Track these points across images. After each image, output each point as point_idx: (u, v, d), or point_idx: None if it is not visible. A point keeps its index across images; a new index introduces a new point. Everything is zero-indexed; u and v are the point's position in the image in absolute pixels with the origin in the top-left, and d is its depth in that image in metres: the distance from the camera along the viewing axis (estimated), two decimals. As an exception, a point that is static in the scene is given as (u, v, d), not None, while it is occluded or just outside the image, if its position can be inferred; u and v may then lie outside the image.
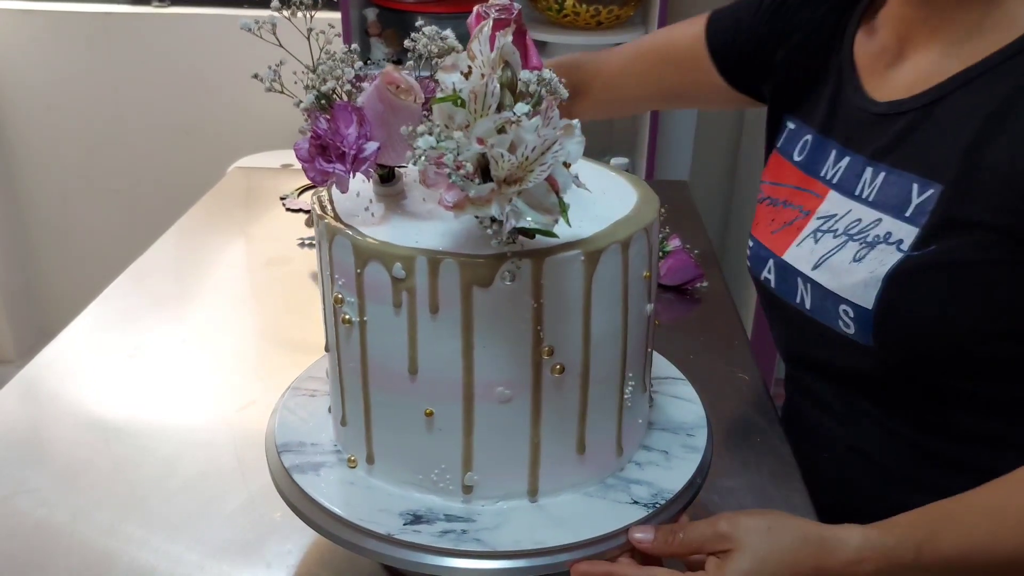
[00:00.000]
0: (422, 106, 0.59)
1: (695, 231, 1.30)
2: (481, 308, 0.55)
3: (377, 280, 0.56)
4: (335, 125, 0.56)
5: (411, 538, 0.57)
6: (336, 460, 0.65)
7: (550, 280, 0.55)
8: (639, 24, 1.93)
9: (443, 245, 0.55)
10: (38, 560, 0.71)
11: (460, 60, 0.54)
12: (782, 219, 0.85)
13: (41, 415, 0.91)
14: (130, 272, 1.17)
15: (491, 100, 0.51)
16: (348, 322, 0.59)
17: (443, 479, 0.60)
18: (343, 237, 0.57)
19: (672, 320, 1.08)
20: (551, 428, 0.60)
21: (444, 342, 0.56)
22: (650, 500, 0.62)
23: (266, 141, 2.22)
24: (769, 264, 0.85)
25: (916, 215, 0.71)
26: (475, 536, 0.58)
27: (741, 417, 0.90)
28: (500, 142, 0.49)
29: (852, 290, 0.73)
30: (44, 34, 2.21)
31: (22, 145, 2.33)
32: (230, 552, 0.71)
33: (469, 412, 0.58)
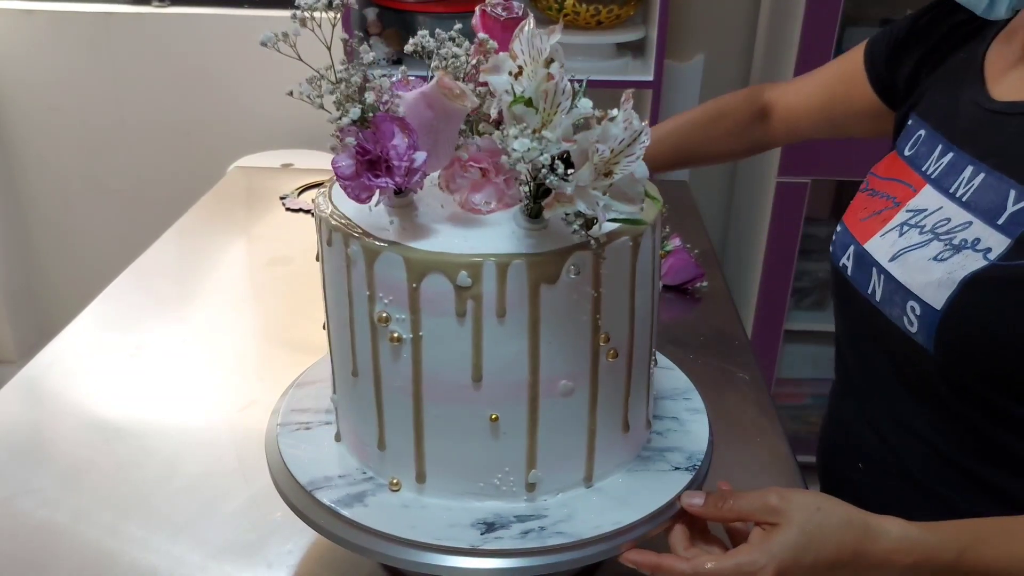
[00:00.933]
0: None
1: (695, 231, 1.30)
2: (547, 305, 0.55)
3: (437, 292, 0.55)
4: (380, 138, 0.54)
5: (495, 545, 0.57)
6: (374, 487, 0.62)
7: (607, 268, 0.57)
8: (639, 24, 1.92)
9: (504, 248, 0.55)
10: (40, 560, 0.71)
11: (503, 62, 0.54)
12: (872, 207, 0.82)
13: (42, 415, 0.91)
14: (130, 272, 1.17)
15: (561, 98, 0.51)
16: (397, 340, 0.57)
17: (506, 482, 0.60)
18: (392, 254, 0.55)
19: (672, 320, 1.08)
20: (604, 413, 0.62)
21: (510, 344, 0.56)
22: (688, 464, 0.65)
23: (266, 141, 2.22)
24: (849, 251, 0.82)
25: (1010, 224, 0.67)
26: (555, 530, 0.59)
27: (741, 417, 0.90)
28: (586, 138, 0.50)
29: (924, 288, 0.70)
30: (44, 34, 2.21)
31: (22, 145, 2.33)
32: (231, 552, 0.71)
33: (534, 411, 0.58)
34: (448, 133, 0.57)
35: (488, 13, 0.63)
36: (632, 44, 1.92)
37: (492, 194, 0.59)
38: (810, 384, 2.16)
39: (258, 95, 2.21)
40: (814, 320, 2.06)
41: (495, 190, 0.59)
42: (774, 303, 1.97)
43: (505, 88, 0.53)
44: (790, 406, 2.15)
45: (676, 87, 2.07)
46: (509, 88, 0.53)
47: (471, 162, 0.58)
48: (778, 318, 1.99)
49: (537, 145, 0.50)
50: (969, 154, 0.74)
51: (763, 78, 2.01)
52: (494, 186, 0.59)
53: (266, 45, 0.55)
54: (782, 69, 1.83)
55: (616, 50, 1.89)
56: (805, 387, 2.16)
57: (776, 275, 1.94)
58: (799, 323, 2.03)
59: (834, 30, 1.71)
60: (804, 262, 1.97)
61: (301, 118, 2.31)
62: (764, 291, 1.96)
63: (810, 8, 1.69)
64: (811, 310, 2.07)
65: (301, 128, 2.21)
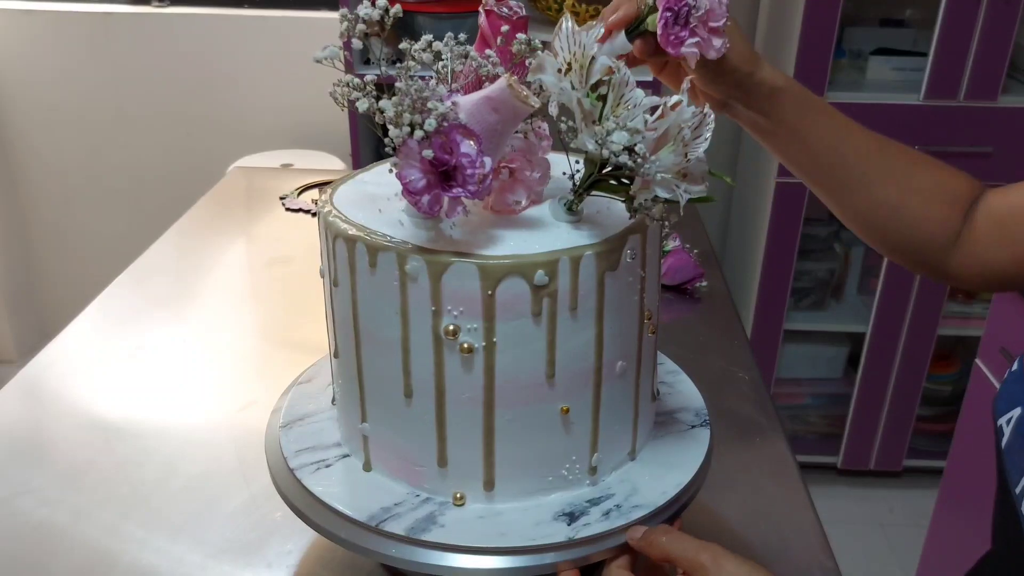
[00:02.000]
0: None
1: (695, 231, 1.30)
2: (610, 291, 0.57)
3: (513, 295, 0.55)
4: (452, 148, 0.53)
5: (587, 532, 0.58)
6: (438, 506, 0.61)
7: (649, 249, 0.60)
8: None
9: (572, 242, 0.56)
10: (40, 560, 0.71)
11: (546, 60, 0.55)
12: None
13: (42, 415, 0.91)
14: (130, 272, 1.17)
15: (624, 90, 0.53)
16: (468, 350, 0.56)
17: (573, 471, 0.61)
18: (464, 264, 0.54)
19: (672, 320, 1.08)
20: (644, 387, 0.64)
21: (580, 335, 0.57)
22: (699, 420, 0.69)
23: (266, 141, 2.23)
24: (1015, 413, 0.59)
25: None
26: (631, 504, 0.60)
27: (741, 417, 0.90)
28: (664, 123, 0.52)
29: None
30: (44, 34, 2.21)
31: (23, 145, 2.33)
32: (231, 552, 0.71)
33: (598, 396, 0.60)
34: (507, 136, 0.58)
35: (495, 13, 0.63)
36: (632, 44, 1.92)
37: (523, 192, 0.60)
38: (809, 384, 2.16)
39: (258, 95, 2.21)
40: (814, 320, 2.06)
41: (526, 188, 0.60)
42: (774, 303, 1.97)
43: (560, 86, 0.54)
44: (790, 406, 2.15)
45: (676, 87, 2.07)
46: (566, 85, 0.54)
47: (504, 163, 0.59)
48: (778, 318, 1.99)
49: (630, 136, 0.51)
50: None
51: (763, 78, 2.01)
52: (524, 184, 0.60)
53: (321, 62, 0.54)
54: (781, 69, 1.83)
55: (616, 50, 1.89)
56: (805, 387, 2.16)
57: (776, 275, 1.94)
58: (799, 323, 2.03)
59: (834, 30, 1.71)
60: (803, 262, 1.97)
61: (301, 118, 2.31)
62: (764, 291, 1.96)
63: (809, 8, 1.70)
64: (810, 310, 2.08)
65: (301, 128, 2.21)
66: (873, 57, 1.85)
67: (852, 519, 2.06)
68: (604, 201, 0.59)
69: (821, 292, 2.07)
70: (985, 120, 1.77)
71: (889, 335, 1.96)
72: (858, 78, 1.87)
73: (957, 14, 1.68)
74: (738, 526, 0.75)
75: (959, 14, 1.68)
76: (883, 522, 2.06)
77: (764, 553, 0.72)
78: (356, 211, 0.60)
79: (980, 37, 1.69)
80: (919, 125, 1.79)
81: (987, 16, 1.67)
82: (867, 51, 1.88)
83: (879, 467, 2.11)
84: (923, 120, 1.78)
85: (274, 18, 2.14)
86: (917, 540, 1.66)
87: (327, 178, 1.48)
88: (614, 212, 0.59)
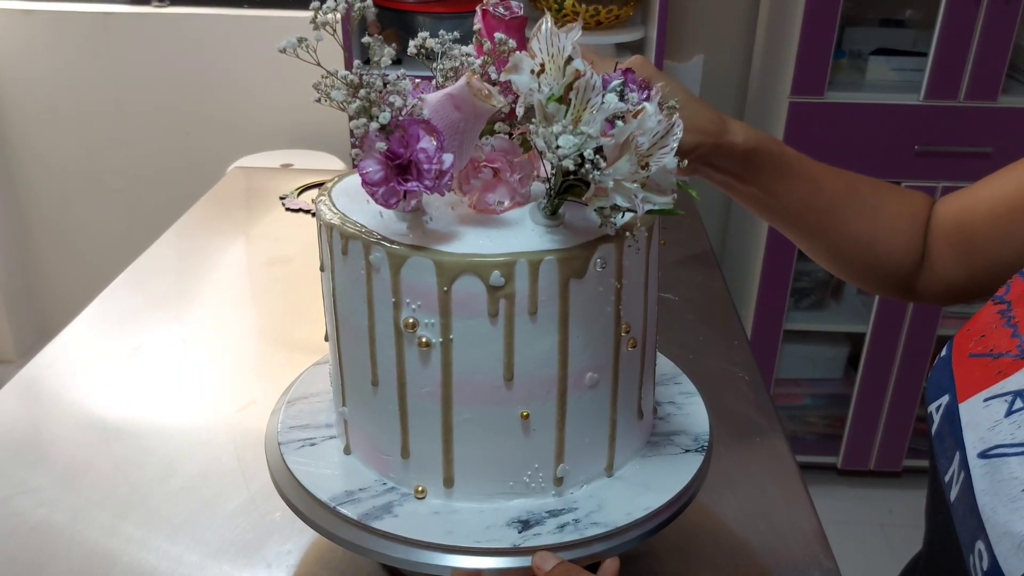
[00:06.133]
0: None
1: (695, 231, 1.30)
2: (576, 299, 0.56)
3: (468, 294, 0.55)
4: (409, 141, 0.53)
5: (536, 542, 0.57)
6: (399, 496, 0.62)
7: (628, 259, 0.58)
8: (638, 24, 1.92)
9: (535, 246, 0.55)
10: (38, 560, 0.71)
11: (522, 60, 0.54)
12: (992, 343, 0.58)
13: (41, 415, 0.91)
14: (130, 272, 1.17)
15: (591, 94, 0.52)
16: (425, 345, 0.56)
17: (535, 478, 0.60)
18: (421, 258, 0.55)
19: (672, 320, 1.08)
20: (623, 402, 0.62)
21: (541, 341, 0.56)
22: (696, 445, 0.66)
23: (266, 141, 2.23)
24: (943, 401, 0.59)
25: None
26: (590, 521, 0.59)
27: (741, 417, 0.90)
28: (623, 131, 0.51)
29: (1001, 537, 0.47)
30: (44, 34, 2.21)
31: (22, 145, 2.33)
32: (230, 552, 0.71)
33: (563, 405, 0.59)
34: (472, 134, 0.57)
35: (491, 12, 0.63)
36: (631, 44, 1.93)
37: (505, 193, 0.59)
38: (809, 384, 2.16)
39: (258, 95, 2.21)
40: (813, 320, 2.06)
41: (508, 189, 0.59)
42: (774, 303, 1.97)
43: (529, 87, 0.53)
44: (790, 406, 2.15)
45: (676, 87, 2.07)
46: (535, 87, 0.53)
47: (485, 163, 0.58)
48: (778, 318, 1.99)
49: (579, 141, 0.50)
50: None
51: (762, 79, 2.01)
52: (507, 185, 0.59)
53: (284, 52, 0.54)
54: (781, 70, 1.83)
55: (615, 50, 1.89)
56: (804, 387, 2.16)
57: (776, 275, 1.94)
58: (798, 323, 2.03)
59: (833, 31, 1.71)
60: (803, 262, 1.97)
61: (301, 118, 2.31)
62: (764, 291, 1.96)
63: (809, 8, 1.70)
64: (810, 310, 2.08)
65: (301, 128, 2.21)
66: (873, 57, 1.85)
67: (852, 519, 2.06)
68: None
69: (821, 292, 2.07)
70: (985, 120, 1.77)
71: (889, 335, 1.96)
72: (858, 78, 1.87)
73: (957, 14, 1.68)
74: (738, 526, 0.75)
75: (959, 14, 1.68)
76: (883, 522, 2.06)
77: (764, 553, 0.72)
78: (346, 201, 0.61)
79: (980, 37, 1.69)
80: (919, 125, 1.79)
81: (987, 16, 1.67)
82: (867, 51, 1.88)
83: (879, 467, 2.11)
84: (923, 120, 1.78)
85: (274, 18, 2.14)
86: (917, 540, 1.66)
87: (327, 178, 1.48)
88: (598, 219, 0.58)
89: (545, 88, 0.53)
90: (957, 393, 0.57)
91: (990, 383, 0.55)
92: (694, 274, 1.20)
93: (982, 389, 0.55)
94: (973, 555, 0.50)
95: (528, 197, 0.60)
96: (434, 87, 0.60)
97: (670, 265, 1.20)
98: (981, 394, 0.55)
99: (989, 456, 0.51)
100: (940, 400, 0.59)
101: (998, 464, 0.50)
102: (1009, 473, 0.48)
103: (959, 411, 0.56)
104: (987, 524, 0.49)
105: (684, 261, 1.23)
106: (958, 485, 0.54)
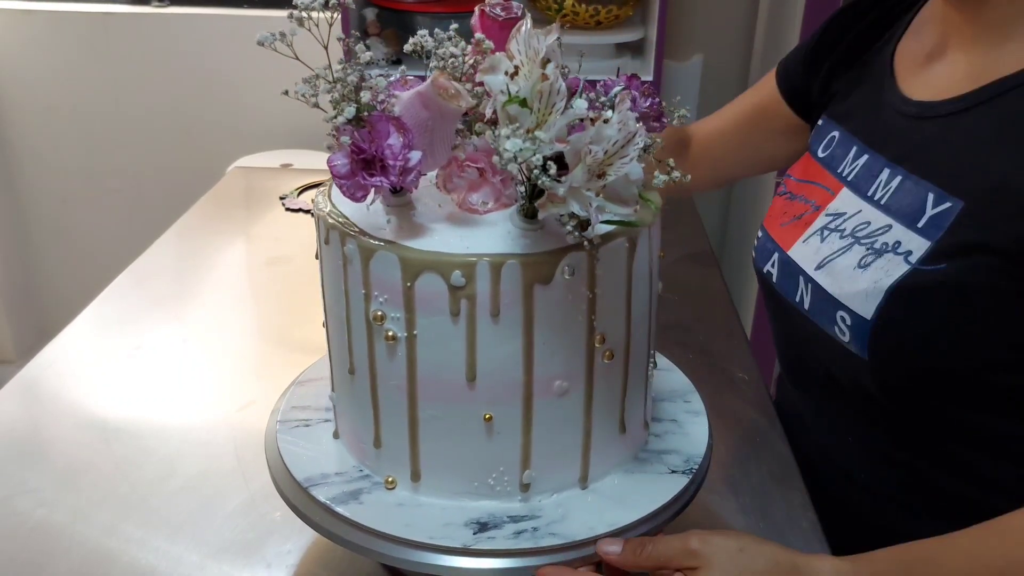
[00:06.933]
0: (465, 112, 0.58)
1: (694, 230, 1.30)
2: (541, 305, 0.55)
3: (431, 291, 0.55)
4: (375, 137, 0.54)
5: (488, 545, 0.57)
6: (370, 484, 0.63)
7: (603, 269, 0.57)
8: (639, 24, 1.92)
9: (499, 248, 0.55)
10: (38, 560, 0.71)
11: (499, 61, 0.54)
12: (792, 212, 0.82)
13: (41, 415, 0.91)
14: (130, 272, 1.17)
15: (556, 99, 0.51)
16: (392, 339, 0.57)
17: (500, 482, 0.60)
18: (387, 252, 0.55)
19: (672, 320, 1.08)
20: (600, 414, 0.61)
21: (504, 344, 0.56)
22: (685, 467, 0.65)
23: (266, 141, 2.22)
24: (774, 258, 0.82)
25: (929, 227, 0.66)
26: (549, 531, 0.58)
27: (741, 417, 0.90)
28: (579, 139, 0.50)
29: (852, 298, 0.70)
30: (44, 34, 2.21)
31: (22, 145, 2.33)
32: (230, 552, 0.71)
33: (528, 410, 0.58)
34: (444, 133, 0.57)
35: (487, 13, 0.63)
36: (631, 44, 1.93)
37: (489, 194, 0.59)
38: (809, 384, 2.16)
39: (258, 95, 2.21)
40: (813, 320, 2.06)
41: (492, 190, 0.59)
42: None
43: (500, 88, 0.53)
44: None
45: (675, 87, 2.08)
46: (504, 88, 0.52)
47: (468, 162, 0.58)
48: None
49: (530, 146, 0.50)
50: (885, 157, 0.74)
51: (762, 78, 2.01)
52: (491, 186, 0.59)
53: (263, 45, 0.55)
54: (781, 69, 1.83)
55: (615, 50, 1.89)
56: (804, 387, 2.16)
57: (775, 275, 1.94)
58: (798, 323, 2.03)
59: (833, 30, 1.71)
60: (803, 262, 1.97)
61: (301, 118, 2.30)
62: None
63: (809, 8, 1.70)
64: (810, 310, 2.08)
65: (301, 128, 2.21)
66: (873, 57, 1.85)
67: (852, 519, 2.06)
68: None
69: (821, 292, 2.07)
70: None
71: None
72: (858, 78, 1.87)
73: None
74: (738, 526, 0.75)
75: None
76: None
77: (764, 553, 0.72)
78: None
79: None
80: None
81: (987, 16, 1.67)
82: (867, 51, 1.88)
83: (879, 467, 2.11)
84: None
85: (274, 18, 2.14)
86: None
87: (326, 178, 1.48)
88: None
89: (515, 90, 0.52)
90: (782, 248, 0.81)
91: (802, 232, 0.79)
92: (693, 273, 1.20)
93: (799, 237, 0.79)
94: (836, 324, 0.71)
95: (514, 199, 0.59)
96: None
97: (669, 264, 1.20)
98: (799, 239, 0.79)
99: (823, 266, 0.75)
100: (771, 259, 0.83)
101: (830, 267, 0.73)
102: (840, 266, 0.72)
103: (789, 255, 0.80)
104: (840, 298, 0.71)
105: (683, 260, 1.23)
106: (809, 294, 0.76)
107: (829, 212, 0.77)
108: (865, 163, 0.76)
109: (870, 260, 0.70)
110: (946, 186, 0.67)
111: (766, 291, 0.86)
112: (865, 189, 0.75)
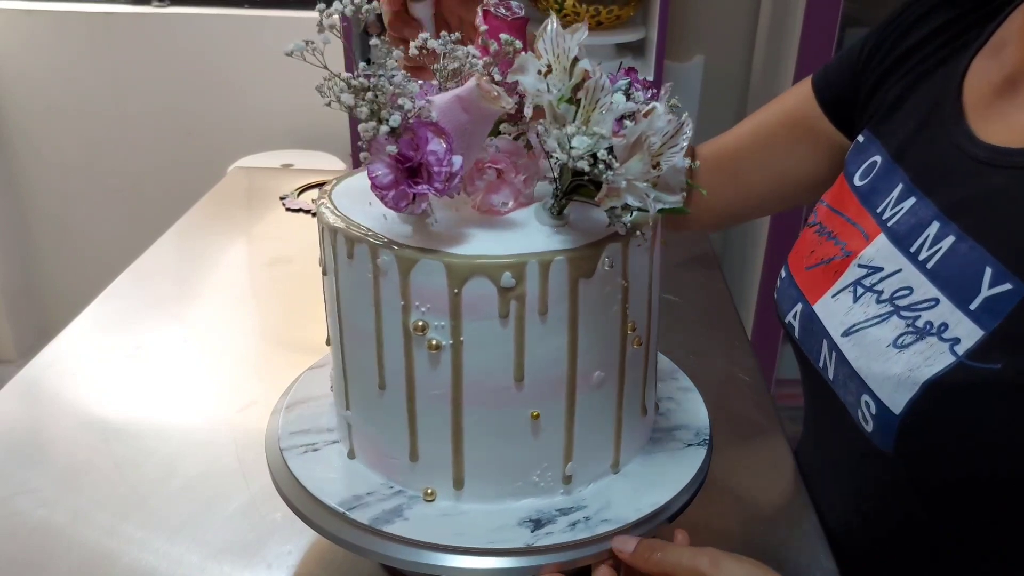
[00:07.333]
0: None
1: (696, 231, 1.30)
2: (584, 299, 0.56)
3: (479, 295, 0.54)
4: (419, 144, 0.53)
5: (548, 541, 0.57)
6: (407, 499, 0.61)
7: (634, 259, 0.58)
8: (639, 24, 1.92)
9: (542, 246, 0.55)
10: (38, 561, 0.71)
11: (528, 61, 0.54)
12: (821, 254, 0.70)
13: (41, 415, 0.91)
14: (130, 272, 1.17)
15: (600, 95, 0.52)
16: (435, 347, 0.56)
17: (544, 478, 0.60)
18: (431, 260, 0.54)
19: (672, 320, 1.08)
20: (629, 400, 0.63)
21: (551, 341, 0.56)
22: (698, 439, 0.67)
23: (266, 141, 2.23)
24: (796, 309, 0.72)
25: (983, 312, 0.54)
26: (600, 518, 0.59)
27: (741, 417, 0.90)
28: (634, 131, 0.51)
29: (881, 383, 0.59)
30: (44, 34, 2.21)
31: (22, 145, 2.33)
32: (231, 553, 0.71)
33: (571, 404, 0.59)
34: (480, 136, 0.57)
35: (492, 13, 0.63)
36: (632, 45, 1.93)
37: (509, 194, 0.59)
38: (810, 385, 2.16)
39: (258, 95, 2.22)
40: (814, 321, 2.06)
41: (512, 190, 0.59)
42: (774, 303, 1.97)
43: (537, 87, 0.53)
44: (790, 406, 2.15)
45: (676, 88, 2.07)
46: (544, 87, 0.53)
47: (490, 164, 0.58)
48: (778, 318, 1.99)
49: (592, 141, 0.50)
50: (936, 205, 0.61)
51: (763, 79, 2.01)
52: (511, 186, 0.59)
53: (292, 55, 0.54)
54: (782, 70, 1.83)
55: (616, 50, 1.89)
56: (805, 388, 2.16)
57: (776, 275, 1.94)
58: (799, 324, 2.03)
59: (834, 31, 1.71)
60: (804, 263, 1.97)
61: (301, 118, 2.31)
62: (764, 291, 1.96)
63: (810, 9, 1.70)
64: (811, 311, 2.08)
65: (301, 128, 2.21)
66: (873, 57, 1.85)
67: (852, 520, 2.06)
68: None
69: (821, 293, 2.07)
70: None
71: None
72: (858, 79, 1.87)
73: (958, 15, 1.68)
74: (738, 526, 0.75)
75: (960, 15, 1.68)
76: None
77: (764, 553, 0.72)
78: (348, 203, 0.61)
79: (981, 38, 1.69)
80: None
81: (988, 17, 1.67)
82: (868, 52, 1.88)
83: (879, 468, 2.11)
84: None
85: (274, 18, 2.14)
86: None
87: (327, 178, 1.48)
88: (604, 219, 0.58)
89: (553, 89, 0.53)
90: (807, 299, 0.71)
91: (831, 283, 0.68)
92: (695, 275, 1.20)
93: (827, 289, 0.68)
94: (860, 408, 0.62)
95: (531, 198, 0.60)
96: (436, 88, 0.60)
97: (672, 266, 1.20)
98: (827, 293, 0.68)
99: (851, 333, 0.64)
100: (794, 309, 0.73)
101: (860, 336, 0.63)
102: (872, 339, 0.61)
103: (814, 311, 0.69)
104: (867, 379, 0.61)
105: (685, 262, 1.23)
106: (832, 363, 0.66)
107: (863, 263, 0.65)
108: (911, 208, 0.63)
109: (910, 341, 0.58)
110: (1009, 261, 0.54)
111: (791, 340, 0.75)
112: (908, 243, 0.62)
